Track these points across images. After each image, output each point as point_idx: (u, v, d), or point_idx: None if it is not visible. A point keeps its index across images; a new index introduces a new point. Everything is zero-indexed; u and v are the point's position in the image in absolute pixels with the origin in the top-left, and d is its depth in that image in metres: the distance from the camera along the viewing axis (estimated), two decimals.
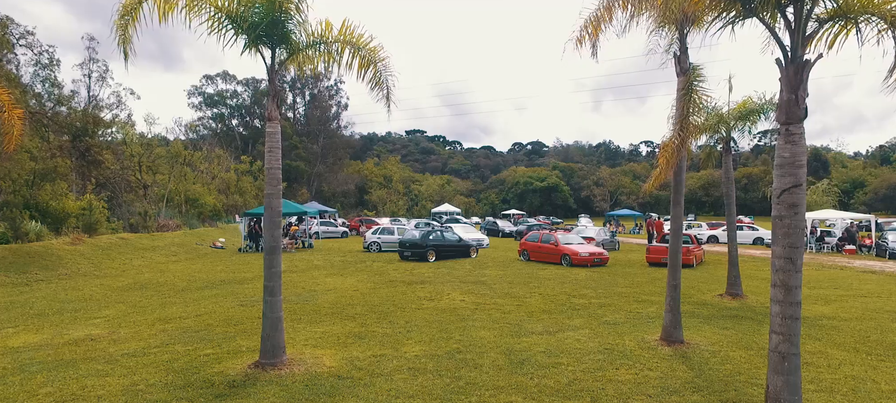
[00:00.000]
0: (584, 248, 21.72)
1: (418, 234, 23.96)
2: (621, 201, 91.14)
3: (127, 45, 6.82)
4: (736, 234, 14.29)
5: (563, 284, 16.21)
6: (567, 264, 21.11)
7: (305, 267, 20.57)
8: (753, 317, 11.49)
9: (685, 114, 8.54)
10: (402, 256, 23.46)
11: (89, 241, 22.03)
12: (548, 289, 15.14)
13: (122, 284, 16.44)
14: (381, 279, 17.26)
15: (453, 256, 24.02)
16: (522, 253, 23.65)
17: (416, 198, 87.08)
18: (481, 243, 30.03)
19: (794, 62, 5.06)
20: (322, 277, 17.81)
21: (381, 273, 18.89)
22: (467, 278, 17.43)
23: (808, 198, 55.62)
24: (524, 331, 10.03)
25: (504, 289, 15.09)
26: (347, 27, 7.89)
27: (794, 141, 5.14)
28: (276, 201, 7.61)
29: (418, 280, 16.95)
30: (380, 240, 27.96)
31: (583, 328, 10.34)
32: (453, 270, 19.61)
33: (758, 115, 13.27)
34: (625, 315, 11.70)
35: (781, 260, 5.21)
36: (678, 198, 9.07)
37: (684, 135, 8.53)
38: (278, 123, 7.59)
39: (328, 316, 11.42)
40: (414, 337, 9.52)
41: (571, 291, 14.87)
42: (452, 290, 14.83)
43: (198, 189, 38.03)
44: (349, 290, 14.91)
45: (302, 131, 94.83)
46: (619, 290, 15.13)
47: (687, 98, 8.53)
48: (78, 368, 7.62)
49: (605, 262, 21.62)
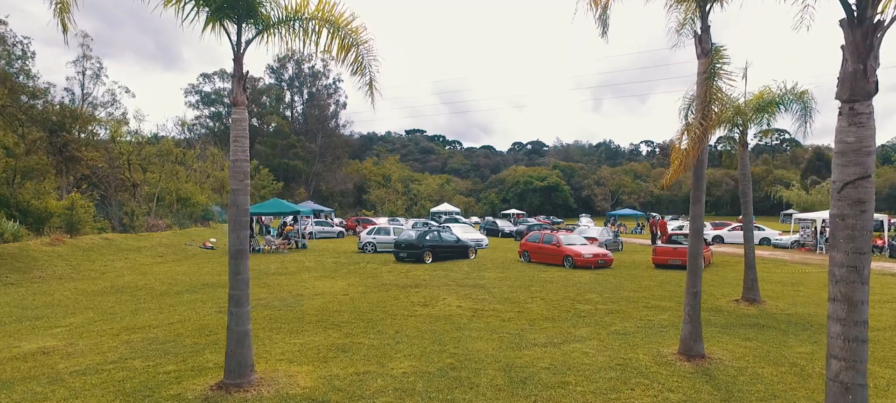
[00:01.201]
0: (587, 249, 20.75)
1: (414, 234, 22.99)
2: (622, 201, 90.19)
3: (65, 15, 5.86)
4: (753, 235, 13.31)
5: (566, 288, 15.25)
6: (569, 266, 20.15)
7: (296, 269, 19.60)
8: (776, 326, 10.53)
9: (707, 101, 7.58)
10: (398, 257, 22.50)
11: (70, 242, 21.05)
12: (550, 294, 14.18)
13: (97, 288, 15.47)
14: (374, 282, 16.29)
15: (451, 257, 23.06)
16: (523, 254, 22.69)
17: (415, 198, 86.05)
18: (480, 243, 29.07)
19: (861, 25, 4.10)
20: (311, 280, 16.85)
21: (373, 275, 17.92)
22: (465, 281, 16.48)
23: (813, 197, 54.90)
24: (526, 342, 9.07)
25: (503, 293, 14.13)
26: (325, 2, 6.93)
27: (862, 122, 4.18)
28: (242, 198, 6.64)
29: (412, 283, 15.99)
30: (375, 241, 26.98)
31: (590, 338, 9.38)
32: (450, 272, 18.66)
33: (776, 107, 12.28)
34: (635, 323, 10.74)
35: (844, 270, 4.25)
36: (698, 195, 8.09)
37: (706, 125, 7.57)
38: (245, 109, 6.62)
39: (312, 324, 10.45)
40: (403, 350, 8.56)
41: (576, 296, 13.90)
42: (448, 295, 13.86)
43: (190, 188, 37.04)
44: (338, 295, 13.94)
45: (300, 130, 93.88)
46: (626, 295, 14.16)
47: (709, 83, 7.57)
48: (12, 391, 6.64)
49: (610, 264, 20.65)
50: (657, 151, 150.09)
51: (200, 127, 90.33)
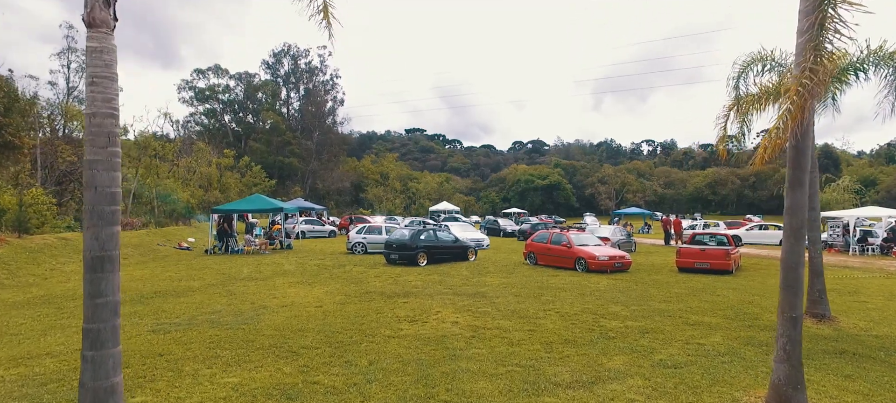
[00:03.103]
0: (602, 251, 18.28)
1: (407, 234, 20.53)
2: (627, 199, 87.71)
3: None
4: (819, 235, 10.83)
5: (583, 297, 12.79)
6: (582, 269, 17.70)
7: (271, 273, 17.16)
8: (870, 354, 8.07)
9: (819, 41, 5.12)
10: (389, 259, 20.05)
11: (16, 243, 18.61)
12: (566, 305, 11.72)
13: (22, 298, 13.01)
14: (356, 289, 13.84)
15: (448, 259, 20.61)
16: (529, 255, 20.24)
17: (413, 196, 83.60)
18: (481, 244, 26.61)
19: None
20: (284, 286, 14.41)
21: (358, 280, 15.48)
22: (463, 288, 14.03)
23: (828, 196, 52.40)
24: (544, 381, 6.63)
25: (509, 305, 11.68)
26: None
27: None
28: (105, 175, 4.19)
29: (401, 291, 13.53)
30: (365, 241, 24.53)
31: (631, 374, 6.93)
32: (447, 277, 16.22)
33: (852, 74, 9.82)
34: (682, 348, 8.29)
35: None
36: (799, 177, 5.58)
37: (817, 75, 5.11)
38: (109, 34, 4.17)
39: (262, 350, 8.00)
40: (374, 396, 6.12)
41: (597, 308, 11.44)
42: (443, 306, 11.41)
43: (170, 184, 34.55)
44: (310, 306, 11.49)
45: (296, 127, 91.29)
46: (657, 306, 11.71)
47: (823, 13, 5.10)
48: None
49: (628, 267, 18.20)
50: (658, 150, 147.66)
51: (195, 124, 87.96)
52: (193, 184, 42.12)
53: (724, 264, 17.01)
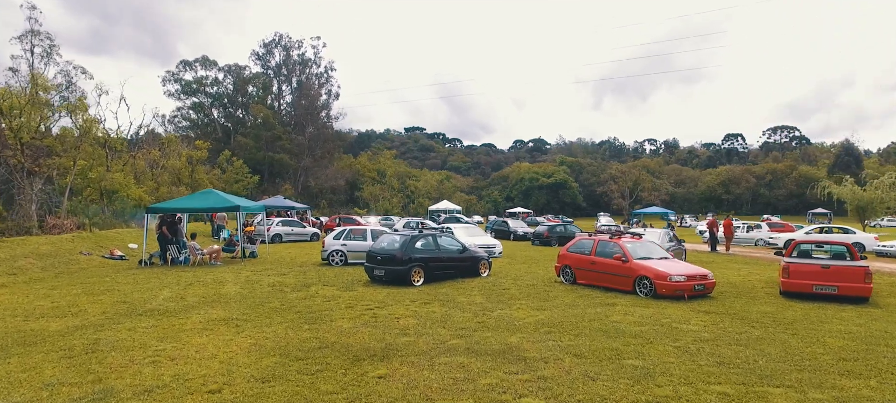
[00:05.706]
0: (674, 267, 12.78)
1: (397, 241, 15.01)
2: (642, 198, 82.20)
3: None
4: None
5: (694, 358, 7.33)
6: (646, 294, 12.27)
7: (195, 301, 11.72)
8: None
9: None
10: (372, 277, 14.60)
11: None
12: (675, 374, 6.25)
13: None
14: (308, 337, 8.39)
15: (453, 275, 15.16)
16: (563, 270, 14.79)
17: (412, 195, 78.18)
18: (493, 251, 21.20)
19: None
20: (194, 331, 8.95)
21: (316, 317, 10.02)
22: (478, 334, 8.58)
23: (869, 194, 46.80)
24: None
25: (572, 380, 6.21)
26: None
27: None
28: None
29: (380, 343, 8.07)
30: (345, 249, 19.05)
31: None
32: (453, 308, 10.79)
33: None
34: None
35: None
36: None
37: None
38: None
39: None
40: None
41: (730, 376, 5.97)
42: (451, 387, 5.96)
43: (119, 178, 28.99)
44: (199, 392, 6.06)
45: (287, 121, 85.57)
46: (834, 381, 6.26)
47: None
48: None
49: (711, 290, 12.75)
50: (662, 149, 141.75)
51: (182, 118, 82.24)
52: (157, 180, 36.62)
53: (863, 289, 11.57)
